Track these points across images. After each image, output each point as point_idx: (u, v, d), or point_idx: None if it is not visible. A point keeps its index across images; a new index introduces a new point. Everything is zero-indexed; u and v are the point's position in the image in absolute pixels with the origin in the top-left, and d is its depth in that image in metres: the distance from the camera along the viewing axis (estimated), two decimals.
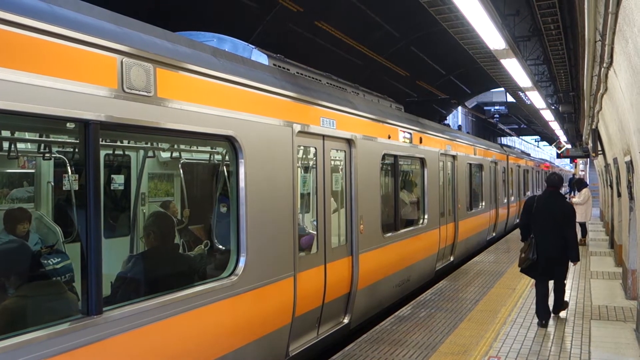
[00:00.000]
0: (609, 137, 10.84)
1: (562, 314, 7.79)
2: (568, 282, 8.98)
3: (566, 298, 7.99)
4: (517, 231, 18.95)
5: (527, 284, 9.96)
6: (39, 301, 3.87)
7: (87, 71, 3.47)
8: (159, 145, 6.65)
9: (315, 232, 6.52)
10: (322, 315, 6.43)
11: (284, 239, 5.59)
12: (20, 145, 5.34)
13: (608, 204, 15.75)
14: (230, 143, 4.91)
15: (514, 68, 11.80)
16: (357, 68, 20.83)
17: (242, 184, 4.94)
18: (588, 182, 21.20)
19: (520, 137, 59.63)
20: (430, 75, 26.57)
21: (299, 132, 5.90)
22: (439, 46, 22.19)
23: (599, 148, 14.32)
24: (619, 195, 10.21)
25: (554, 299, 7.69)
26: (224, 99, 4.73)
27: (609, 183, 14.15)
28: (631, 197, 7.92)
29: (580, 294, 9.19)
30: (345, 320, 7.00)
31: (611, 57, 5.57)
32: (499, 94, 37.81)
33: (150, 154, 6.86)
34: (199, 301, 4.35)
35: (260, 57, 6.26)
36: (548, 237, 7.26)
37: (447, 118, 33.87)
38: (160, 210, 6.62)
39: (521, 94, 21.79)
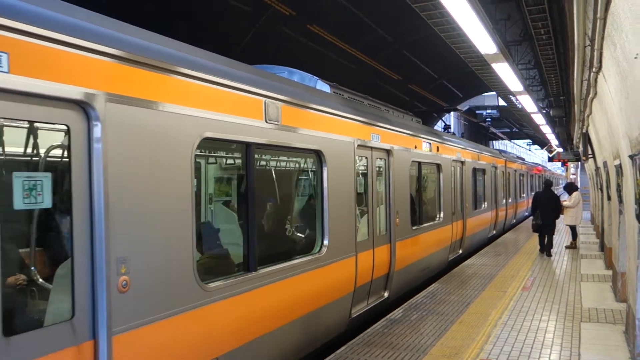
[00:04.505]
0: (599, 141, 10.92)
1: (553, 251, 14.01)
2: (559, 284, 10.12)
3: (556, 300, 8.92)
4: (513, 233, 19.44)
5: (518, 287, 10.03)
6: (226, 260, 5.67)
7: (251, 109, 5.21)
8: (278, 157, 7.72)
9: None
10: (370, 289, 8.01)
11: (349, 226, 7.26)
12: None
13: (599, 207, 15.85)
14: (317, 155, 6.64)
15: (505, 72, 11.88)
16: (349, 71, 20.87)
17: (325, 184, 6.68)
18: (579, 186, 21.36)
19: (512, 140, 59.86)
20: (423, 78, 26.68)
21: (358, 145, 7.64)
22: (431, 50, 22.29)
23: (590, 152, 14.42)
24: (609, 198, 10.28)
25: (547, 245, 13.96)
26: (314, 123, 6.46)
27: (599, 186, 14.25)
28: (621, 201, 7.98)
29: (571, 296, 9.25)
30: (386, 295, 8.59)
31: (600, 62, 5.62)
32: (490, 98, 38.03)
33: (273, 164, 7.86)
34: (303, 268, 6.06)
35: (324, 86, 7.96)
36: (546, 211, 13.88)
37: (439, 122, 33.97)
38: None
39: (513, 97, 21.91)
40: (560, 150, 32.01)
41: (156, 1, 13.16)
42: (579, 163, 31.21)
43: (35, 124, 3.36)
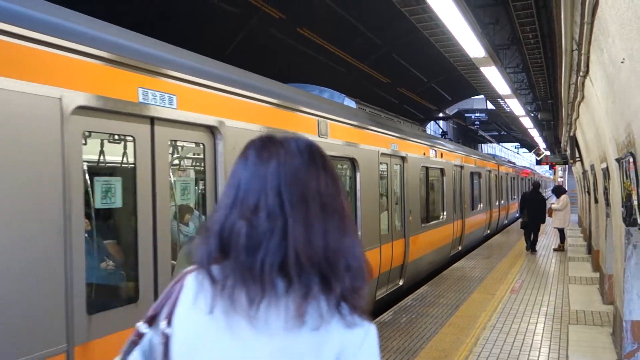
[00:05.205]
0: (586, 144, 11.01)
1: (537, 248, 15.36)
2: (547, 287, 10.29)
3: (544, 302, 9.00)
4: (503, 235, 19.58)
5: (507, 289, 10.08)
6: None
7: (309, 127, 6.52)
8: None
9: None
10: (389, 277, 9.26)
11: (375, 222, 8.55)
12: None
13: (586, 210, 15.97)
14: (352, 162, 7.90)
15: (494, 76, 11.96)
16: (339, 74, 20.91)
17: (358, 187, 7.91)
18: (567, 189, 21.52)
19: (501, 143, 60.15)
20: (411, 81, 26.76)
21: (381, 154, 8.95)
22: (420, 53, 22.36)
23: (577, 155, 14.52)
24: (596, 201, 10.36)
25: (532, 242, 15.20)
26: (351, 135, 7.77)
27: (586, 189, 14.36)
28: (607, 204, 8.04)
29: (559, 299, 9.30)
30: (401, 283, 9.85)
31: (587, 66, 5.67)
32: (479, 101, 38.15)
33: None
34: None
35: (350, 102, 9.21)
36: (533, 210, 14.93)
37: (428, 125, 34.10)
38: None
39: (501, 101, 22.07)
40: (548, 153, 32.21)
41: (138, 1, 13.08)
42: (567, 166, 31.44)
43: (186, 143, 4.87)
